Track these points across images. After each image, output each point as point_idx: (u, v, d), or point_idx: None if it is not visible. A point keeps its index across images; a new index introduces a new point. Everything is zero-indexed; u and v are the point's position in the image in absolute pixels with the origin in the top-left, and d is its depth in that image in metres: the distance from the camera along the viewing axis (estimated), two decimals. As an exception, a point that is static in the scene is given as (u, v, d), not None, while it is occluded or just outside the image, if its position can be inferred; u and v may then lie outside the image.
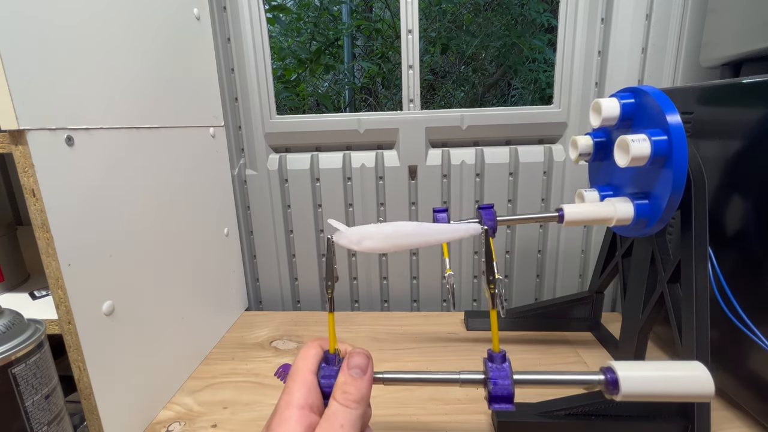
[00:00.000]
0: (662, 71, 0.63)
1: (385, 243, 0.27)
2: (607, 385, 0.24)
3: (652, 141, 0.35)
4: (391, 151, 0.71)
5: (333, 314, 0.28)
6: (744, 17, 0.49)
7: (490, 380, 0.26)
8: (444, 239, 0.28)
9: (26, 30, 0.32)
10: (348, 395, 0.24)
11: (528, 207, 0.70)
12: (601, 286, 0.59)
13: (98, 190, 0.39)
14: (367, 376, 0.26)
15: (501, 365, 0.26)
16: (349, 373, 0.25)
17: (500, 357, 0.26)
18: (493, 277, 0.26)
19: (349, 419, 0.23)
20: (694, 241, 0.38)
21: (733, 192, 0.42)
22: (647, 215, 0.39)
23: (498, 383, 0.25)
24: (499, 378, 0.26)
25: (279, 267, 0.76)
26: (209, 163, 0.61)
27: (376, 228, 0.28)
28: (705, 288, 0.38)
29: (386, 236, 0.27)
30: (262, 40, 0.68)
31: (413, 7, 0.65)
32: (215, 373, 0.55)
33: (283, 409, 0.24)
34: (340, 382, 0.25)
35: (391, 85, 1.89)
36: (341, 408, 0.24)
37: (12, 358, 0.30)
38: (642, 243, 0.47)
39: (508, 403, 0.25)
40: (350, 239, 0.28)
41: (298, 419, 0.23)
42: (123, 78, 0.43)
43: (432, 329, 0.64)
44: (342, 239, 0.28)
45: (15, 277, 0.51)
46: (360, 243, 0.27)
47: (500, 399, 0.25)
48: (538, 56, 1.80)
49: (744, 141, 0.40)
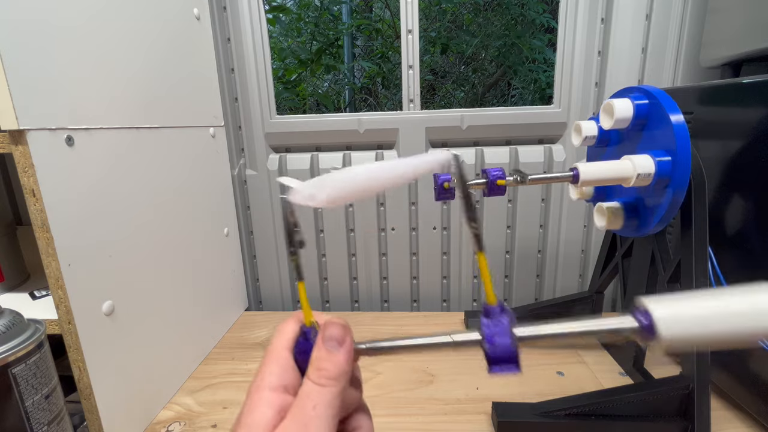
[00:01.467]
0: (662, 71, 0.63)
1: (341, 192, 0.24)
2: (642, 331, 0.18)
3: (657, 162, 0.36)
4: (391, 151, 0.71)
5: (302, 282, 0.25)
6: (744, 17, 0.49)
7: (485, 339, 0.21)
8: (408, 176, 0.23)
9: (26, 30, 0.32)
10: (323, 372, 0.21)
11: (528, 207, 0.70)
12: (601, 286, 0.59)
13: (98, 190, 0.39)
14: (344, 348, 0.22)
15: (498, 319, 0.21)
16: (323, 347, 0.22)
17: (497, 309, 0.21)
18: (473, 213, 0.22)
19: (324, 399, 0.20)
20: (694, 241, 0.38)
21: (733, 192, 0.42)
22: (668, 173, 0.36)
23: (495, 341, 0.21)
24: (496, 334, 0.21)
25: (279, 267, 0.76)
26: (209, 163, 0.61)
27: (329, 176, 0.24)
28: (705, 288, 0.38)
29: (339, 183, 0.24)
30: (262, 40, 0.68)
31: (413, 7, 0.65)
32: (215, 373, 0.55)
33: (253, 392, 0.22)
34: (314, 357, 0.22)
35: (391, 85, 1.89)
36: (315, 387, 0.21)
37: (12, 358, 0.30)
38: (642, 243, 0.47)
39: (510, 364, 0.21)
40: (303, 195, 0.24)
41: (269, 402, 0.21)
42: (123, 78, 0.43)
43: (432, 329, 0.63)
44: (296, 196, 0.24)
45: (15, 277, 0.51)
46: (315, 197, 0.24)
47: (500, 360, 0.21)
48: (538, 56, 1.80)
49: (744, 141, 0.40)
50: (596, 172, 0.38)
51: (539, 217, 0.70)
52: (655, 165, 0.36)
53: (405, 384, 0.51)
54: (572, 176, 0.38)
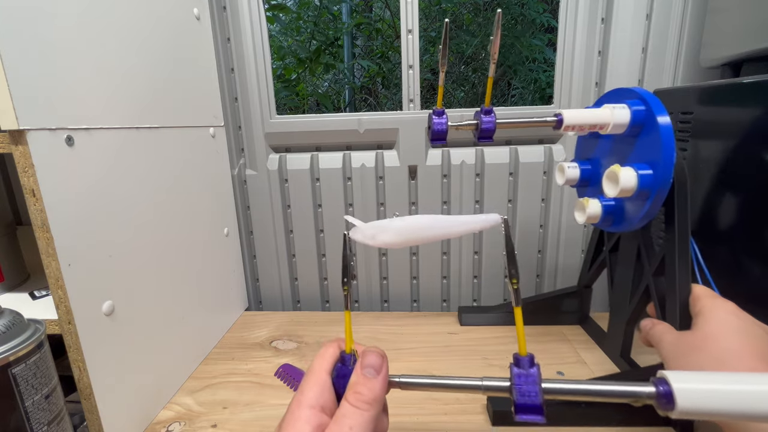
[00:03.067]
0: (662, 71, 0.63)
1: (400, 237, 0.27)
2: (659, 399, 0.20)
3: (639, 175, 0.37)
4: (391, 151, 0.71)
5: (350, 312, 0.27)
6: (744, 17, 0.49)
7: (515, 387, 0.23)
8: (460, 231, 0.27)
9: (26, 30, 0.32)
10: (360, 396, 0.23)
11: (528, 207, 0.70)
12: (589, 280, 0.60)
13: (98, 190, 0.39)
14: (381, 376, 0.24)
15: (528, 370, 0.23)
16: (362, 373, 0.24)
17: (527, 361, 0.23)
18: (516, 270, 0.24)
19: (360, 421, 0.22)
20: (677, 236, 0.39)
21: (733, 192, 0.42)
22: (641, 121, 0.38)
23: (524, 391, 0.22)
24: (525, 384, 0.22)
25: (279, 267, 0.76)
26: (209, 163, 0.61)
27: (390, 222, 0.27)
28: (687, 281, 0.39)
29: (401, 230, 0.26)
30: (262, 39, 0.68)
31: (413, 7, 0.65)
32: (215, 373, 0.55)
33: (294, 408, 0.23)
34: (353, 382, 0.24)
35: (391, 85, 1.89)
36: (352, 409, 0.23)
37: (12, 358, 0.30)
38: (628, 238, 0.48)
39: (536, 414, 0.22)
40: (365, 234, 0.27)
41: (308, 419, 0.23)
42: (123, 78, 0.43)
43: (432, 329, 0.64)
44: (357, 234, 0.27)
45: (15, 277, 0.51)
46: (375, 237, 0.27)
47: (527, 409, 0.22)
48: (538, 56, 1.80)
49: (744, 141, 0.40)
50: (579, 118, 0.40)
51: (539, 217, 0.70)
52: (638, 178, 0.37)
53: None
54: (556, 121, 0.41)
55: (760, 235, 0.39)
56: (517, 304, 0.24)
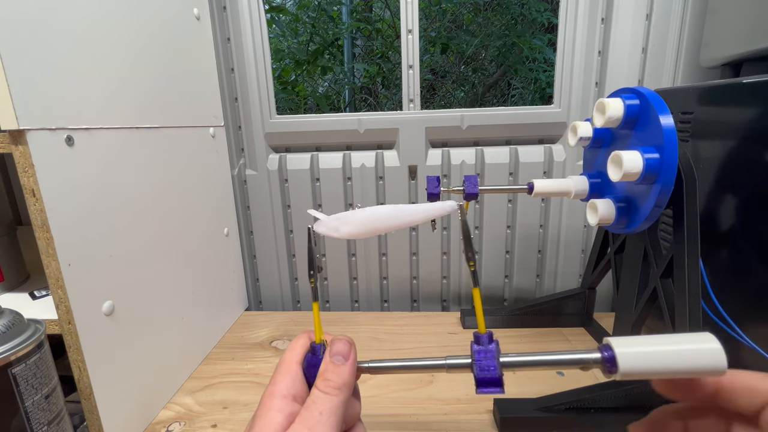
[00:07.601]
0: (662, 71, 0.63)
1: (362, 228, 0.28)
2: (604, 363, 0.22)
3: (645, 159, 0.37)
4: (391, 151, 0.71)
5: (317, 303, 0.28)
6: (744, 17, 0.49)
7: (475, 363, 0.24)
8: (420, 219, 0.28)
9: (26, 30, 0.32)
10: (329, 382, 0.24)
11: (528, 207, 0.70)
12: (593, 282, 0.59)
13: (98, 190, 0.39)
14: (349, 362, 0.25)
15: (487, 346, 0.25)
16: (330, 360, 0.25)
17: (486, 338, 0.25)
18: (473, 253, 0.25)
19: (329, 406, 0.23)
20: (686, 237, 0.39)
21: (733, 192, 0.42)
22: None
23: (483, 365, 0.24)
24: (484, 359, 0.24)
25: (279, 267, 0.76)
26: (209, 163, 0.61)
27: (352, 214, 0.28)
28: (697, 282, 0.38)
29: (362, 221, 0.28)
30: (261, 40, 0.68)
31: (413, 7, 0.65)
32: (215, 373, 0.55)
33: (266, 399, 0.24)
34: (322, 369, 0.25)
35: (391, 85, 1.89)
36: (321, 395, 0.24)
37: (12, 358, 0.30)
38: (634, 239, 0.48)
39: (495, 387, 0.24)
40: (329, 227, 0.28)
41: (280, 408, 0.23)
42: (123, 78, 0.43)
43: (432, 329, 0.64)
44: (321, 228, 0.28)
45: (15, 277, 0.51)
46: (338, 229, 0.28)
47: (486, 382, 0.24)
48: (538, 56, 1.80)
49: (744, 141, 0.40)
50: (548, 187, 0.47)
51: (539, 217, 0.70)
52: (644, 161, 0.37)
53: (405, 384, 0.51)
54: (528, 188, 0.48)
55: (760, 236, 0.39)
56: (476, 285, 0.25)
